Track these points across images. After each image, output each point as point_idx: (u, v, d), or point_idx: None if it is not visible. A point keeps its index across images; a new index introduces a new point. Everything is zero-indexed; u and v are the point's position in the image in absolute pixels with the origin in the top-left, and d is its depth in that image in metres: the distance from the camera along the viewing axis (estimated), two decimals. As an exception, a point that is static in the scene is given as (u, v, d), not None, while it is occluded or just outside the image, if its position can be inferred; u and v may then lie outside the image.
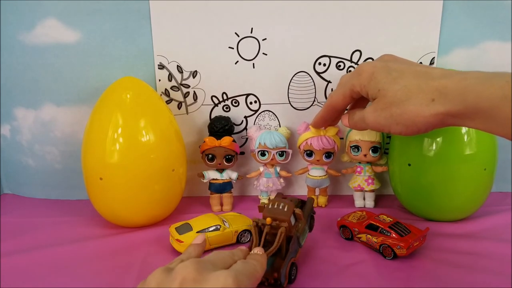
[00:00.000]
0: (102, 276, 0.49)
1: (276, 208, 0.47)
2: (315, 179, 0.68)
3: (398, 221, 0.54)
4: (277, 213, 0.46)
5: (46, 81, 0.68)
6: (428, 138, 0.58)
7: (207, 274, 0.34)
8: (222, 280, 0.33)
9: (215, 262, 0.37)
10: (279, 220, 0.46)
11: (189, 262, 0.35)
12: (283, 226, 0.45)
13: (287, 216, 0.46)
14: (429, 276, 0.48)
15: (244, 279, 0.35)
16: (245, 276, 0.36)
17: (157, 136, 0.59)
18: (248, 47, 0.67)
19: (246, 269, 0.37)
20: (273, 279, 0.44)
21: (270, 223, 0.46)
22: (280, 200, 0.48)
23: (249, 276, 0.37)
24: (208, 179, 0.68)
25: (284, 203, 0.47)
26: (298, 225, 0.48)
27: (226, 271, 0.35)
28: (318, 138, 0.65)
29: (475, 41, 0.66)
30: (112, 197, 0.59)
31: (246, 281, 0.36)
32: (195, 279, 0.33)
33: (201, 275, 0.34)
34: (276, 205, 0.47)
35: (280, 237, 0.45)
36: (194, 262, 0.35)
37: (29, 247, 0.56)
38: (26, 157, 0.73)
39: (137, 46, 0.66)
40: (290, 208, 0.47)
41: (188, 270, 0.34)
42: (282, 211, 0.47)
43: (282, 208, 0.47)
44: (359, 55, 0.67)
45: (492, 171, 0.60)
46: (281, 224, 0.46)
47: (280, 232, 0.45)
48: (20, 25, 0.65)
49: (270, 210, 0.47)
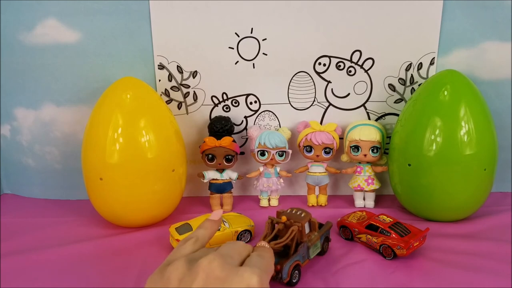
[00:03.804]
0: (102, 276, 0.49)
1: (294, 213, 0.50)
2: (315, 176, 0.69)
3: (398, 221, 0.54)
4: (293, 217, 0.49)
5: (46, 81, 0.68)
6: (428, 138, 0.58)
7: (230, 271, 0.34)
8: (246, 279, 0.33)
9: (233, 255, 0.37)
10: (294, 221, 0.48)
11: (213, 257, 0.34)
12: (295, 225, 0.47)
13: (302, 221, 0.48)
14: (429, 276, 0.48)
15: (265, 277, 0.35)
16: (265, 273, 0.36)
17: (157, 136, 0.59)
18: (248, 47, 0.67)
19: (264, 265, 0.37)
20: (275, 272, 0.44)
21: (285, 221, 0.48)
22: (300, 209, 0.51)
23: (268, 273, 0.37)
24: (208, 179, 0.68)
25: (303, 212, 0.50)
26: (311, 236, 0.50)
27: (250, 269, 0.34)
28: (317, 133, 0.66)
29: (475, 41, 0.66)
30: (112, 197, 0.59)
31: (266, 278, 0.36)
32: (219, 277, 0.33)
33: (225, 272, 0.33)
34: (295, 211, 0.50)
35: (291, 234, 0.46)
36: (218, 257, 0.34)
37: (29, 247, 0.56)
38: (26, 157, 0.73)
39: (137, 46, 0.66)
40: (307, 216, 0.49)
41: (213, 266, 0.33)
42: (299, 216, 0.49)
43: (299, 215, 0.50)
44: (359, 55, 0.67)
45: (492, 171, 0.60)
46: (294, 223, 0.47)
47: (292, 229, 0.46)
48: (20, 25, 0.65)
49: (288, 214, 0.50)
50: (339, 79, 0.68)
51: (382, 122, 0.70)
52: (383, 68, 0.68)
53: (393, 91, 0.69)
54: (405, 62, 0.67)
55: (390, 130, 0.71)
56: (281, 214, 0.50)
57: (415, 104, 0.61)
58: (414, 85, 0.68)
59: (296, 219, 0.48)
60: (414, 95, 0.62)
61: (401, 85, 0.68)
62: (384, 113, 0.70)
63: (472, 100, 0.58)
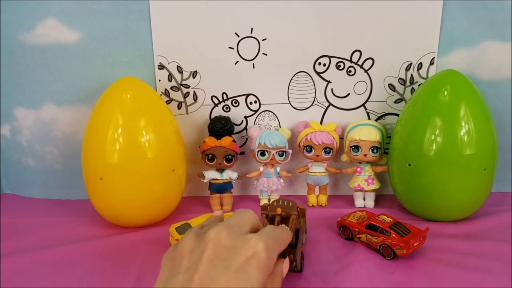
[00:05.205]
0: (102, 276, 0.49)
1: (281, 204, 0.50)
2: (315, 176, 0.69)
3: (398, 221, 0.54)
4: (284, 207, 0.49)
5: (46, 81, 0.68)
6: (428, 138, 0.58)
7: (237, 239, 0.34)
8: (252, 245, 0.34)
9: (241, 224, 0.38)
10: (288, 211, 0.48)
11: (220, 228, 0.35)
12: (293, 214, 0.47)
13: (293, 209, 0.48)
14: (429, 276, 0.48)
15: (273, 244, 0.36)
16: (274, 240, 0.36)
17: (157, 136, 0.59)
18: (248, 47, 0.67)
19: (275, 233, 0.38)
20: (290, 261, 0.44)
21: (280, 212, 0.48)
22: (282, 200, 0.51)
23: (277, 240, 0.37)
24: (208, 179, 0.68)
25: (288, 201, 0.50)
26: (300, 222, 0.50)
27: (256, 235, 0.35)
28: (317, 133, 0.66)
29: (475, 41, 0.66)
30: (112, 197, 0.59)
31: (275, 244, 0.36)
32: (227, 246, 0.34)
33: (233, 241, 0.34)
34: (281, 202, 0.50)
35: (292, 223, 0.46)
36: (225, 227, 0.35)
37: (29, 247, 0.56)
38: (26, 157, 0.73)
39: (137, 46, 0.66)
40: (294, 204, 0.50)
41: (220, 236, 0.34)
42: (288, 205, 0.49)
43: (287, 204, 0.50)
44: (359, 55, 0.67)
45: (492, 171, 0.60)
46: (291, 212, 0.47)
47: (292, 219, 0.47)
48: (20, 25, 0.65)
49: (277, 205, 0.50)
50: (339, 79, 0.68)
51: (382, 122, 0.70)
52: (383, 68, 0.68)
53: (393, 91, 0.69)
54: (405, 62, 0.67)
55: (390, 130, 0.71)
56: (271, 206, 0.49)
57: (415, 104, 0.61)
58: (414, 85, 0.68)
59: (287, 208, 0.48)
60: (414, 95, 0.62)
61: (401, 85, 0.69)
62: (384, 113, 0.70)
63: (472, 100, 0.58)
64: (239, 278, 0.32)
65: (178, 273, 0.33)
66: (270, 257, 0.34)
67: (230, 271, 0.32)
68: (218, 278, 0.31)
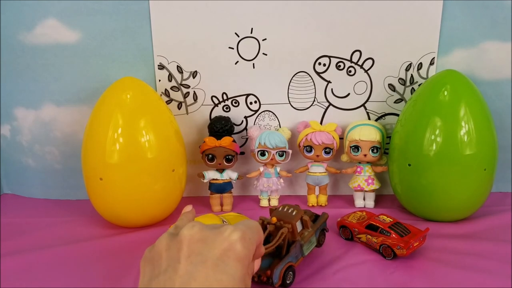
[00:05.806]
0: (102, 276, 0.49)
1: (285, 211, 0.49)
2: (315, 176, 0.69)
3: (398, 221, 0.54)
4: (284, 216, 0.48)
5: (46, 81, 0.68)
6: (428, 138, 0.58)
7: (210, 231, 0.34)
8: (228, 236, 0.33)
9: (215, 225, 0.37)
10: (284, 222, 0.47)
11: (192, 224, 0.35)
12: (285, 227, 0.46)
13: (293, 220, 0.47)
14: (429, 276, 0.48)
15: (249, 232, 0.35)
16: (249, 229, 0.36)
17: (157, 136, 0.59)
18: (248, 47, 0.67)
19: (250, 224, 0.37)
20: (266, 277, 0.44)
21: (275, 222, 0.47)
22: (291, 206, 0.49)
23: (253, 230, 0.36)
24: (208, 179, 0.68)
25: (294, 209, 0.49)
26: (304, 233, 0.49)
27: (231, 227, 0.35)
28: (317, 133, 0.66)
29: (475, 41, 0.66)
30: (112, 197, 0.59)
31: (250, 233, 0.35)
32: (201, 239, 0.33)
33: (206, 234, 0.34)
34: (286, 209, 0.49)
35: (280, 237, 0.45)
36: (196, 223, 0.35)
37: (29, 247, 0.56)
38: (26, 157, 0.73)
39: (137, 46, 0.66)
40: (298, 214, 0.48)
41: (193, 231, 0.34)
42: (290, 215, 0.48)
43: (290, 213, 0.48)
44: (359, 55, 0.67)
45: (492, 171, 0.60)
46: (284, 225, 0.46)
47: (281, 232, 0.45)
48: (20, 25, 0.65)
49: (279, 213, 0.49)
50: (339, 79, 0.68)
51: (382, 122, 0.70)
52: (383, 68, 0.68)
53: (393, 91, 0.69)
54: (405, 62, 0.67)
55: (390, 130, 0.71)
56: (273, 213, 0.49)
57: (415, 104, 0.61)
58: (414, 85, 0.68)
59: (287, 218, 0.47)
60: (414, 95, 0.62)
61: (401, 85, 0.69)
62: (384, 113, 0.70)
63: (472, 100, 0.58)
64: (219, 271, 0.31)
65: (158, 274, 0.32)
66: (247, 246, 0.34)
67: (208, 265, 0.32)
68: (198, 274, 0.31)
